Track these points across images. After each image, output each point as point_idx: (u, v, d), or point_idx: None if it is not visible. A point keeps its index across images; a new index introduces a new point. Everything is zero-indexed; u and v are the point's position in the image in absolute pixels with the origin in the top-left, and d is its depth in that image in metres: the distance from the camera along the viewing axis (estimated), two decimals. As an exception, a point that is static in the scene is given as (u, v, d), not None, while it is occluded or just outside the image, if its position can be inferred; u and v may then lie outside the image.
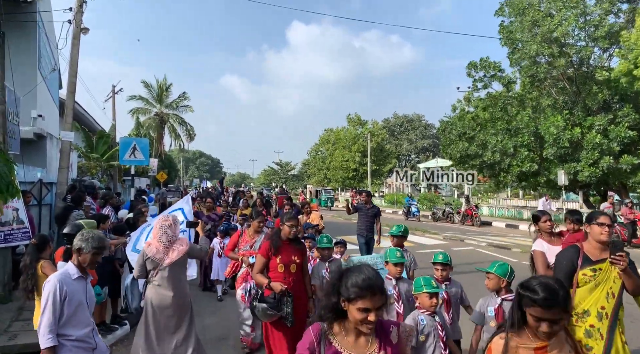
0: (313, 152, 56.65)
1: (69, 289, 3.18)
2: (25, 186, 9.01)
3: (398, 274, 4.09)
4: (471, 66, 23.09)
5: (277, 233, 4.52)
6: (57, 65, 15.49)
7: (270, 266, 4.47)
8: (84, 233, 3.42)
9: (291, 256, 4.45)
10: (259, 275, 4.47)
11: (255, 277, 4.55)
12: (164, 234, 4.53)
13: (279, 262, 4.41)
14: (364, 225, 9.17)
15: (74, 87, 11.13)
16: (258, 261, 4.53)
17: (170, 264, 4.50)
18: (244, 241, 5.83)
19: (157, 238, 4.55)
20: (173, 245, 4.56)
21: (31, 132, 11.47)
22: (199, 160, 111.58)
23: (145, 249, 4.60)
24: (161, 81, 41.83)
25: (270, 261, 4.46)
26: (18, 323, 5.86)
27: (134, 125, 39.59)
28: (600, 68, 20.14)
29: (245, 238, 5.87)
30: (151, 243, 4.62)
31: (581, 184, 20.52)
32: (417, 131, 65.06)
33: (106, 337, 5.80)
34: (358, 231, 9.30)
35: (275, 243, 4.45)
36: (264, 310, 4.25)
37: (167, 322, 4.54)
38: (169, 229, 4.56)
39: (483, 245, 15.11)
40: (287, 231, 4.46)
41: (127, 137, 19.47)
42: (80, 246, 3.32)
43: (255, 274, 4.50)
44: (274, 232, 4.61)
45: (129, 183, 22.57)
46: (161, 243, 4.53)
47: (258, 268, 4.50)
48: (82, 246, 3.31)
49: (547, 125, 19.48)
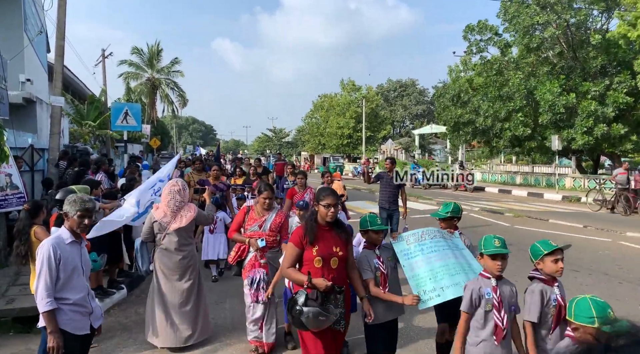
0: (307, 118, 56.20)
1: (63, 253, 3.17)
2: (16, 152, 8.91)
3: (499, 271, 3.05)
4: (468, 29, 22.73)
5: (313, 216, 3.49)
6: (43, 28, 15.04)
7: (304, 259, 3.44)
8: (69, 197, 3.39)
9: (332, 247, 3.40)
10: (292, 269, 3.44)
11: (287, 274, 3.49)
12: (173, 199, 4.61)
13: (315, 254, 3.36)
14: (386, 196, 8.20)
15: (62, 50, 10.85)
16: (289, 253, 3.48)
17: (177, 229, 4.57)
18: (252, 220, 4.77)
19: (165, 202, 4.62)
20: (181, 210, 4.64)
21: (20, 96, 11.23)
22: (192, 127, 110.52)
23: (153, 212, 4.69)
24: (153, 46, 40.97)
25: (304, 252, 3.43)
26: (15, 288, 5.90)
27: (124, 91, 39.00)
28: (597, 31, 19.87)
29: (253, 216, 4.81)
30: (159, 206, 4.66)
31: (574, 150, 20.59)
32: (411, 97, 64.50)
33: (103, 301, 5.88)
34: (380, 203, 8.35)
35: (311, 229, 3.42)
36: (315, 316, 3.18)
37: (176, 284, 4.65)
38: (178, 194, 4.64)
39: (476, 209, 15.25)
40: (324, 213, 3.40)
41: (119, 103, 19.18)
42: (66, 211, 3.31)
43: (287, 269, 3.47)
44: (310, 215, 3.57)
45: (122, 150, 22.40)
46: (169, 208, 4.60)
47: (289, 261, 3.46)
48: (68, 210, 3.30)
49: (543, 91, 19.37)
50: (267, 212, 4.77)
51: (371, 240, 3.65)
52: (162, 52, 41.33)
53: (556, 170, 22.66)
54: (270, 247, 4.68)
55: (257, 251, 4.65)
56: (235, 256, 4.90)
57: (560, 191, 20.49)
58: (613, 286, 6.94)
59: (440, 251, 3.59)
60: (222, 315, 5.80)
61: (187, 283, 4.71)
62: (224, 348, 4.84)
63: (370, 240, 3.65)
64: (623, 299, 6.34)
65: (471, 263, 3.61)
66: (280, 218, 4.76)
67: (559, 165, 23.57)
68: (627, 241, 10.25)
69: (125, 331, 5.23)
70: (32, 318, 4.82)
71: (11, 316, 5.21)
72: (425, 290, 3.41)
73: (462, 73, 25.30)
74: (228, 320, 5.63)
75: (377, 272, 3.53)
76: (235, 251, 4.91)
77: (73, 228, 3.30)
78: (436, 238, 3.70)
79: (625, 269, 7.87)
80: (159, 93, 41.89)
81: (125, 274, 7.06)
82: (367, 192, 22.03)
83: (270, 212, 4.78)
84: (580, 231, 11.41)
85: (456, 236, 3.90)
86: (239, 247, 4.86)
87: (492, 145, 23.74)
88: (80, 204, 3.30)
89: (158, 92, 41.77)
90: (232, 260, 4.93)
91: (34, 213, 4.40)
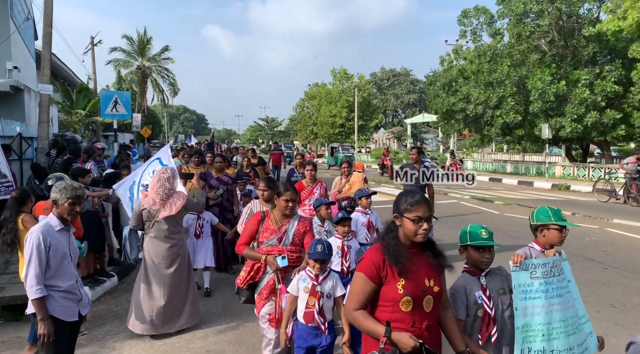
0: (299, 107, 56.03)
1: (52, 240, 3.17)
2: (4, 140, 8.82)
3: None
4: (464, 14, 22.71)
5: (393, 234, 2.36)
6: (30, 14, 14.80)
7: (381, 298, 2.30)
8: (58, 184, 3.37)
9: (424, 280, 2.30)
10: (363, 314, 2.29)
11: (356, 320, 2.31)
12: (162, 186, 4.56)
13: (402, 291, 2.23)
14: None
15: (49, 37, 10.69)
16: (358, 290, 2.30)
17: (166, 217, 4.54)
18: (268, 231, 3.73)
19: (154, 189, 4.58)
20: (170, 198, 4.59)
21: (7, 84, 11.09)
22: (183, 116, 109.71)
23: (142, 200, 4.66)
24: (142, 34, 40.49)
25: (382, 288, 2.28)
26: (5, 276, 5.88)
27: (115, 79, 38.59)
28: (588, 22, 19.95)
29: (269, 225, 3.75)
30: (148, 194, 4.64)
31: (563, 138, 20.75)
32: (403, 86, 64.45)
33: (94, 289, 5.89)
34: None
35: (396, 253, 2.27)
36: None
37: (164, 273, 4.64)
38: (167, 182, 4.59)
39: (466, 198, 15.37)
40: (413, 230, 2.28)
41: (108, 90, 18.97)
42: (55, 198, 3.29)
43: (354, 313, 2.30)
44: (387, 231, 2.40)
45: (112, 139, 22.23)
46: (158, 195, 4.55)
47: (358, 301, 2.30)
48: (57, 197, 3.28)
49: (534, 80, 19.46)
50: (288, 219, 3.78)
51: (474, 262, 2.67)
52: (152, 40, 40.92)
53: (546, 159, 22.85)
54: (294, 265, 3.67)
55: (275, 272, 3.65)
56: (246, 278, 3.80)
57: (550, 179, 20.67)
58: (598, 271, 7.06)
59: (563, 297, 2.69)
60: (213, 302, 5.83)
61: (176, 271, 4.70)
62: (214, 334, 4.86)
63: (472, 260, 2.68)
64: (608, 283, 6.46)
65: (581, 315, 2.80)
66: (304, 227, 3.78)
67: (549, 154, 23.77)
68: (614, 228, 10.39)
69: (116, 319, 5.24)
70: (22, 306, 4.80)
71: (1, 305, 5.20)
72: (531, 348, 2.57)
73: (454, 62, 25.33)
74: (219, 306, 5.66)
75: (479, 311, 2.60)
76: (247, 272, 3.82)
77: (63, 215, 3.30)
78: (562, 273, 2.73)
79: (611, 255, 8.00)
80: (149, 81, 41.54)
81: (116, 262, 7.07)
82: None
83: (291, 219, 3.78)
84: (568, 219, 11.53)
85: (565, 259, 2.85)
86: (252, 266, 3.80)
87: (483, 133, 23.87)
88: (71, 191, 3.29)
89: (149, 80, 41.41)
90: (243, 282, 3.83)
91: (21, 201, 4.37)
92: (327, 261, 3.42)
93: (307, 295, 3.34)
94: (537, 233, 2.93)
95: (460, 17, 23.00)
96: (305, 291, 3.35)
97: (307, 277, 3.37)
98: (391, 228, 2.40)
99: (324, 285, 3.37)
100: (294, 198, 3.75)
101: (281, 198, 3.72)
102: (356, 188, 6.66)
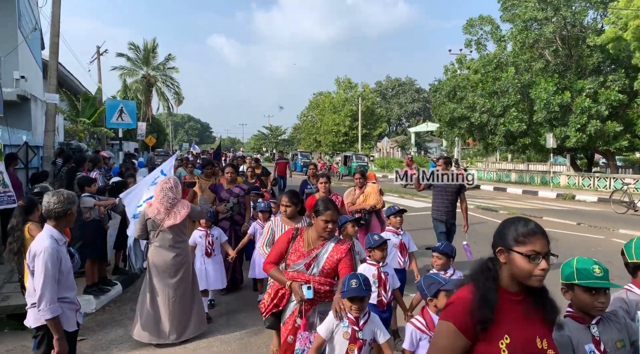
0: (303, 116, 56.21)
1: (61, 255, 3.18)
2: (11, 149, 8.88)
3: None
4: (470, 23, 22.80)
5: (489, 275, 1.78)
6: (38, 25, 14.98)
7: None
8: (56, 196, 3.24)
9: (534, 339, 1.73)
10: None
11: None
12: (165, 196, 4.59)
13: (505, 350, 1.67)
14: (442, 205, 6.52)
15: (56, 47, 10.81)
16: (446, 343, 1.73)
17: (170, 226, 4.56)
18: (297, 252, 3.25)
19: (158, 199, 4.61)
20: (174, 207, 4.62)
21: (14, 93, 11.18)
22: (187, 124, 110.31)
23: (146, 210, 4.67)
24: (148, 42, 40.89)
25: (477, 346, 1.70)
26: (10, 285, 5.89)
27: (120, 88, 38.88)
28: (592, 32, 20.01)
29: (300, 246, 3.26)
30: (152, 203, 4.66)
31: (568, 148, 20.72)
32: (407, 95, 64.63)
33: (99, 298, 5.90)
34: (434, 214, 6.63)
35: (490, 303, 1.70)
36: None
37: (169, 282, 4.65)
38: (170, 191, 4.62)
39: (471, 207, 15.31)
40: (527, 271, 1.69)
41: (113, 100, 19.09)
42: (58, 209, 3.20)
43: None
44: (481, 270, 1.81)
45: (117, 147, 22.34)
46: (162, 205, 4.58)
47: None
48: (60, 208, 3.20)
49: (538, 90, 19.48)
50: (322, 242, 3.21)
51: (583, 306, 2.10)
52: (157, 48, 41.27)
53: (551, 168, 22.78)
54: (324, 299, 3.16)
55: (300, 302, 3.14)
56: (269, 305, 3.37)
57: (555, 189, 20.60)
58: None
59: None
60: (217, 311, 5.81)
61: (180, 280, 4.71)
62: (219, 344, 4.85)
63: (580, 304, 2.11)
64: (611, 293, 6.40)
65: None
66: (339, 253, 3.17)
67: (553, 163, 23.72)
68: (620, 238, 10.32)
69: (120, 328, 5.24)
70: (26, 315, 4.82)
71: (6, 314, 5.21)
72: None
73: (458, 72, 25.40)
74: (224, 315, 5.64)
75: None
76: (270, 296, 3.38)
77: (67, 226, 3.31)
78: None
79: (616, 266, 7.88)
80: (154, 90, 41.85)
81: (121, 271, 7.07)
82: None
83: (327, 243, 3.21)
84: (573, 229, 11.48)
85: None
86: (276, 290, 3.34)
87: (487, 141, 23.86)
88: (73, 199, 3.30)
89: (154, 89, 41.72)
90: (266, 309, 3.39)
91: (28, 210, 4.39)
92: (366, 299, 2.81)
93: (346, 341, 2.79)
94: (637, 272, 2.43)
95: (465, 26, 23.09)
96: (345, 337, 2.79)
97: (346, 320, 2.80)
98: (489, 266, 1.80)
99: (365, 331, 2.82)
100: (334, 218, 3.19)
101: (319, 218, 3.16)
102: (372, 200, 6.34)
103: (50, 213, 3.20)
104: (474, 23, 22.78)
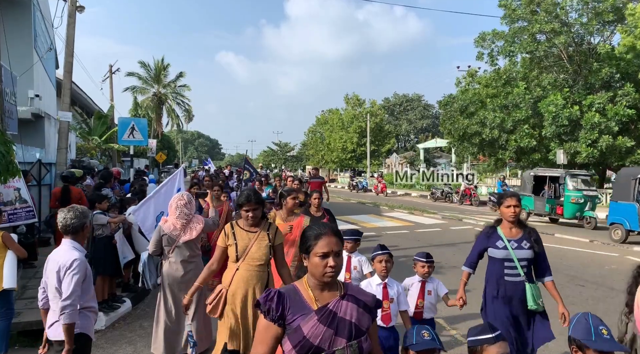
0: (310, 133, 56.50)
1: (87, 266, 3.31)
2: (24, 166, 9.02)
3: None
4: (482, 37, 22.83)
5: None
6: (53, 45, 15.33)
7: None
8: (72, 212, 3.32)
9: None
10: None
11: None
12: (182, 213, 4.66)
13: None
14: None
15: (70, 66, 11.04)
16: None
17: (186, 241, 4.65)
18: None
19: (174, 216, 4.67)
20: (190, 223, 4.70)
21: (29, 112, 11.41)
22: (197, 141, 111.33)
23: (161, 226, 4.74)
24: (159, 61, 41.56)
25: None
26: (22, 302, 5.92)
27: (132, 106, 39.46)
28: (602, 45, 20.00)
29: None
30: (168, 220, 4.73)
31: (579, 164, 20.55)
32: (416, 111, 64.80)
33: (108, 315, 5.90)
34: None
35: None
36: None
37: (182, 297, 4.67)
38: (185, 208, 4.69)
39: (481, 223, 15.19)
40: None
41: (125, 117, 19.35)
42: (82, 224, 3.33)
43: None
44: None
45: (128, 164, 22.58)
46: (178, 221, 4.65)
47: None
48: (82, 223, 3.33)
49: (547, 103, 19.43)
50: None
51: None
52: (169, 66, 41.95)
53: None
54: None
55: None
56: None
57: (566, 205, 20.34)
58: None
59: None
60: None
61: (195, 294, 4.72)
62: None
63: None
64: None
65: None
66: None
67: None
68: (634, 255, 10.17)
69: (130, 345, 5.23)
70: (37, 332, 4.84)
71: (17, 330, 5.23)
72: None
73: (470, 86, 25.45)
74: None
75: None
76: None
77: (80, 241, 3.37)
78: None
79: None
80: (165, 108, 42.41)
81: (130, 288, 7.08)
82: (371, 206, 22.01)
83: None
84: (586, 246, 11.34)
85: None
86: None
87: (497, 157, 23.76)
88: (87, 213, 3.40)
89: (164, 107, 42.29)
90: None
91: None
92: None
93: None
94: None
95: (477, 39, 23.13)
96: None
97: None
98: None
99: None
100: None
101: None
102: None
103: (68, 228, 3.28)
104: (486, 37, 22.85)
